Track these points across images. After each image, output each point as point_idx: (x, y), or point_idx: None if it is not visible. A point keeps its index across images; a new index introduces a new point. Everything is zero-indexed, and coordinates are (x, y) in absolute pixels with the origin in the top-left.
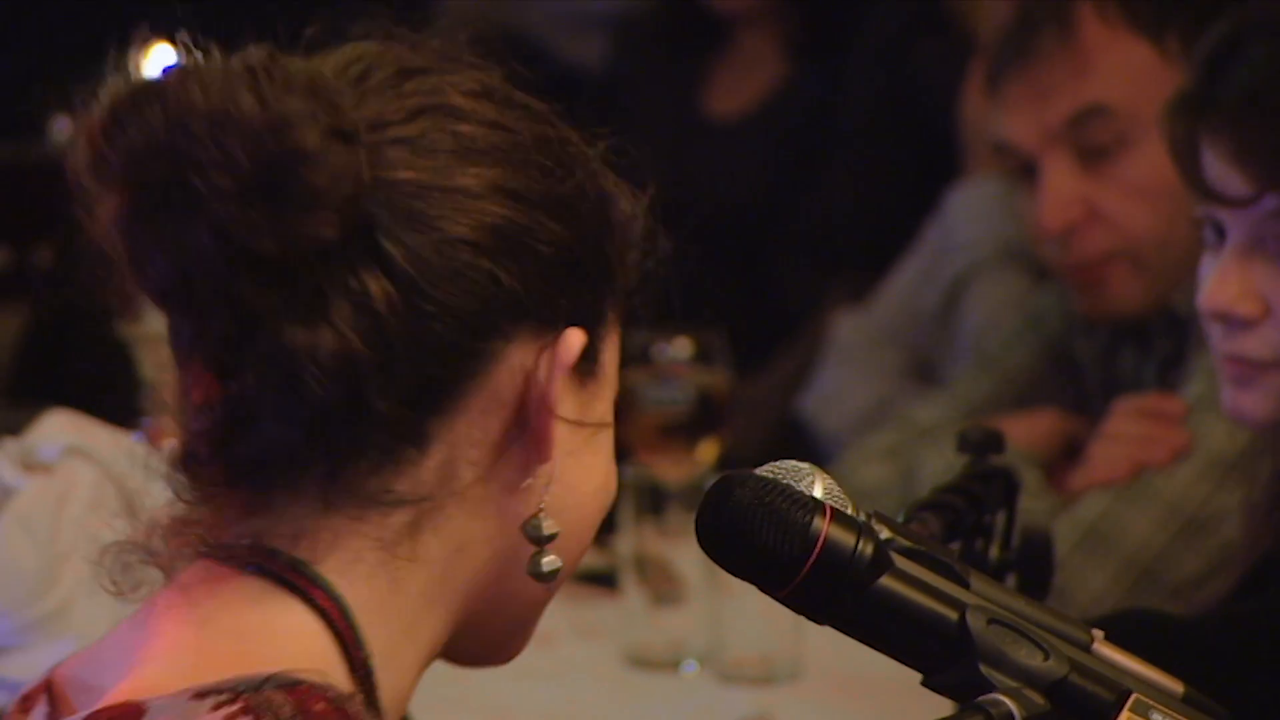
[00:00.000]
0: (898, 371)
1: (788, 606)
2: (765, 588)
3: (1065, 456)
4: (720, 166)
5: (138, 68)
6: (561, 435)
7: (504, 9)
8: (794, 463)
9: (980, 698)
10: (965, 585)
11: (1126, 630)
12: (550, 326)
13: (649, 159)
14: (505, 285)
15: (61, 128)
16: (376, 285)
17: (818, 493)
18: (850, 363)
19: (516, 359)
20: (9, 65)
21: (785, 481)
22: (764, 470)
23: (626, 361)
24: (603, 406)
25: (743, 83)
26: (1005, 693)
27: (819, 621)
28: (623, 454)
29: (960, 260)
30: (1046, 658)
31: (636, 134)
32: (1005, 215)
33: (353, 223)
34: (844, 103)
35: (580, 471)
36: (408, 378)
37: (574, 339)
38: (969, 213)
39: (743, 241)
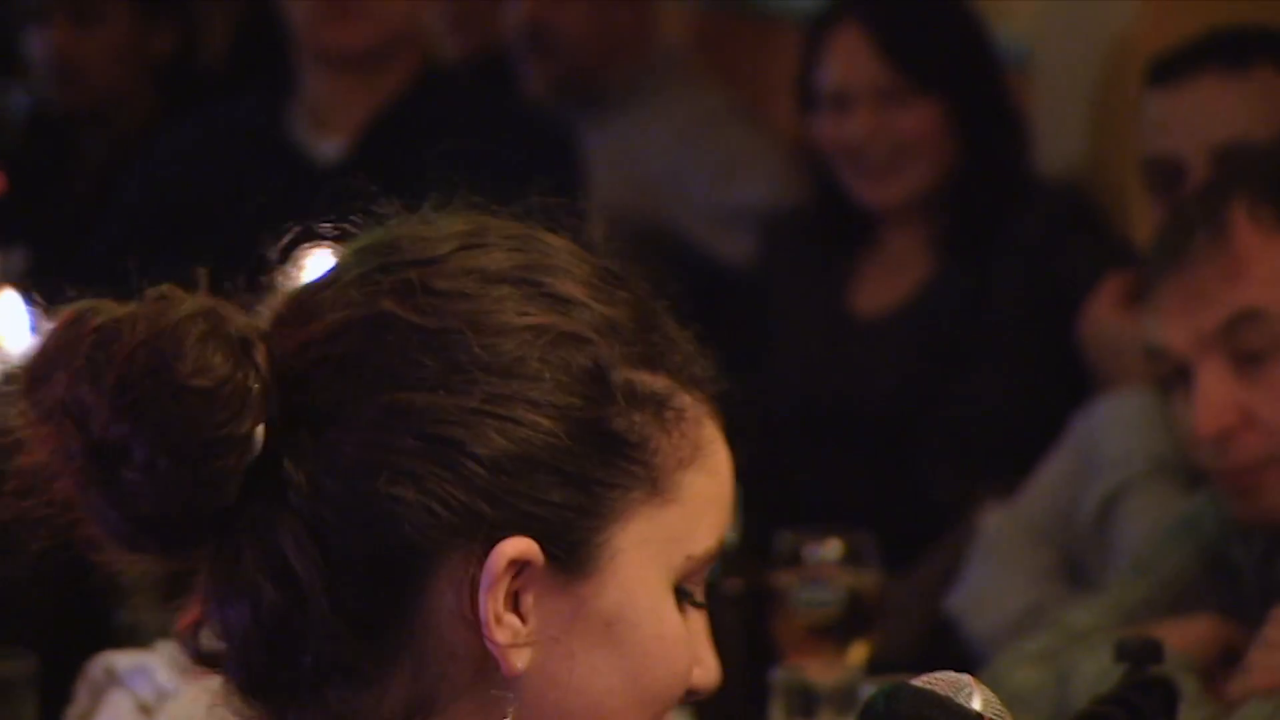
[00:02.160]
0: (1049, 573)
1: None
2: None
3: (1224, 664)
4: (867, 364)
5: (294, 264)
6: (551, 635)
7: (652, 205)
8: (952, 674)
9: None
10: None
11: None
12: (482, 540)
13: (798, 356)
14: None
15: None
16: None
17: (977, 705)
18: (998, 560)
19: (455, 575)
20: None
21: (944, 694)
22: (921, 681)
23: (777, 563)
24: (617, 594)
25: (890, 281)
26: None
27: None
28: (773, 655)
29: (1113, 476)
30: None
31: (785, 331)
32: (1155, 428)
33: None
34: (991, 300)
35: (584, 672)
36: (340, 612)
37: (510, 550)
38: (1119, 426)
39: (890, 440)
